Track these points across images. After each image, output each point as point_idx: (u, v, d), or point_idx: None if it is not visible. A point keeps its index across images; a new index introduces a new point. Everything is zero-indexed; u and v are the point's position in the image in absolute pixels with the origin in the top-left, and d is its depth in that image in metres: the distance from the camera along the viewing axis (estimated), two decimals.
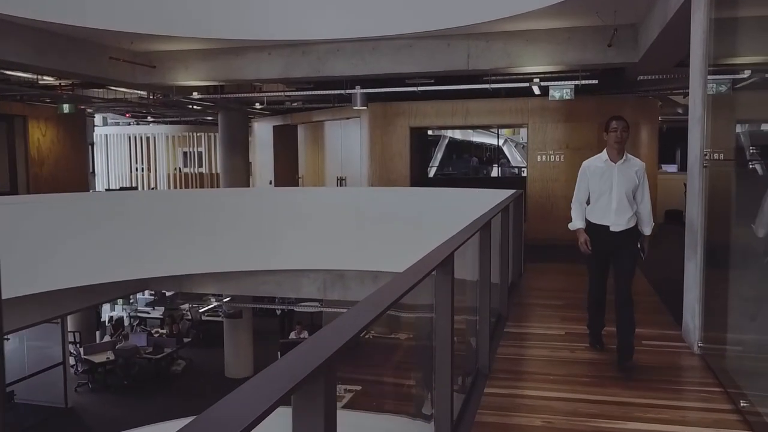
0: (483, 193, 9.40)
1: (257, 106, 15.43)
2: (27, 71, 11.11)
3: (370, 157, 13.42)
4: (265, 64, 11.09)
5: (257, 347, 14.26)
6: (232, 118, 15.26)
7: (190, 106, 15.76)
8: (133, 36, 10.19)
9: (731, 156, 4.67)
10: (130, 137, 22.04)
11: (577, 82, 10.53)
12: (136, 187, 21.32)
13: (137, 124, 22.20)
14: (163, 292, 16.69)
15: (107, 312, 18.47)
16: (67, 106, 12.83)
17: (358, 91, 11.58)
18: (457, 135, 21.66)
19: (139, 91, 13.66)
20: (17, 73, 11.32)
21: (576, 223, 4.50)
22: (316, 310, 13.83)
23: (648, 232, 4.40)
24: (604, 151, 4.39)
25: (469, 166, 22.21)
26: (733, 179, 4.57)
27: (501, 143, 21.18)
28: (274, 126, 17.71)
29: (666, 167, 17.99)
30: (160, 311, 18.15)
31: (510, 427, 3.40)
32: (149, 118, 20.95)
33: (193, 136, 22.18)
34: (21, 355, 12.88)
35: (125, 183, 21.65)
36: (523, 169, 17.01)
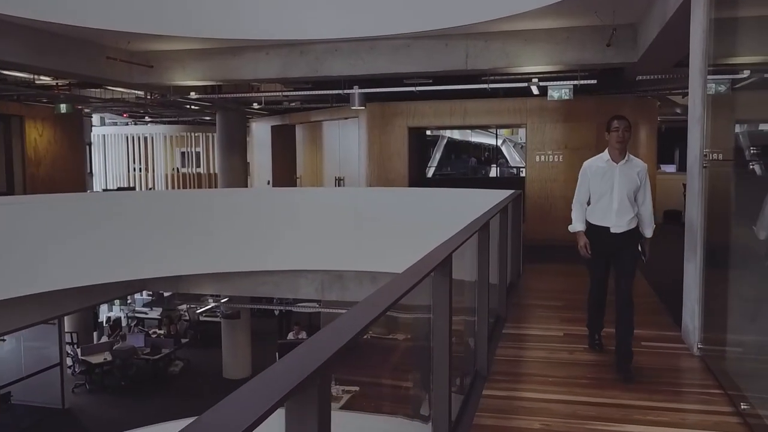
0: (481, 194, 9.38)
1: (255, 106, 15.39)
2: (24, 71, 11.08)
3: (368, 157, 13.39)
4: (262, 64, 11.06)
5: (255, 348, 14.24)
6: (230, 118, 15.23)
7: (188, 106, 15.73)
8: (130, 36, 10.15)
9: (731, 156, 4.65)
10: (128, 137, 22.02)
11: (575, 82, 10.52)
12: (134, 188, 21.29)
13: (135, 124, 22.17)
14: (161, 292, 16.64)
15: (105, 312, 18.45)
16: (64, 106, 12.80)
17: (356, 91, 11.57)
18: (456, 135, 21.64)
19: (136, 91, 13.63)
20: (14, 73, 11.29)
21: (576, 226, 4.45)
22: (314, 310, 13.82)
23: (649, 234, 4.35)
24: (606, 151, 4.34)
25: (467, 166, 22.21)
26: (733, 180, 4.55)
27: (499, 143, 21.15)
28: (272, 126, 17.68)
29: (665, 167, 17.96)
30: (157, 312, 18.13)
31: (509, 429, 3.38)
32: (147, 118, 20.90)
33: (190, 136, 22.15)
34: (18, 356, 12.87)
35: (123, 183, 21.62)
36: (521, 169, 17.02)
